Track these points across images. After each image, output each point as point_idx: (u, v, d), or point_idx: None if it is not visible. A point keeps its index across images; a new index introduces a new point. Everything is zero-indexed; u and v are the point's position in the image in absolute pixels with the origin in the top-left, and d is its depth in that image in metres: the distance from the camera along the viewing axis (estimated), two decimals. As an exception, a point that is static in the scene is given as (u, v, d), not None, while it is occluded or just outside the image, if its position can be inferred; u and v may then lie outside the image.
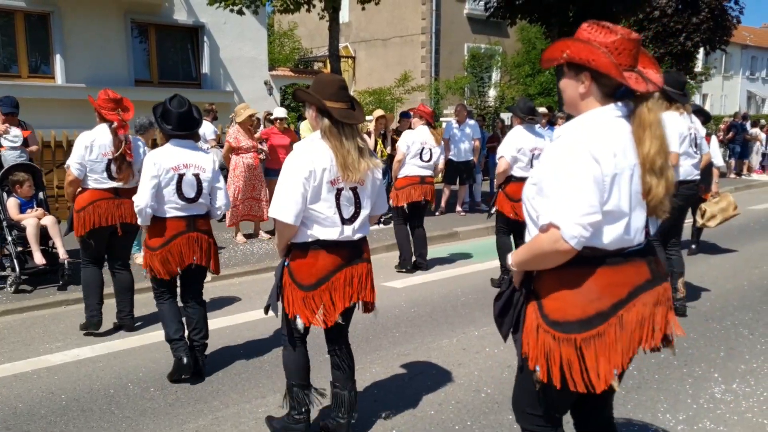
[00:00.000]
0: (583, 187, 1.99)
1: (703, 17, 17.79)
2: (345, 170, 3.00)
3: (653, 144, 2.06)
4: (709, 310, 5.71)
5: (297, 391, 3.34)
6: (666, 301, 2.16)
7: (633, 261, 2.12)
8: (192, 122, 4.21)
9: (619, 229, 2.07)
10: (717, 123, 23.01)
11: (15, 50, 12.96)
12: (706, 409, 3.76)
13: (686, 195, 5.22)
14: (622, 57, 2.05)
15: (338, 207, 3.07)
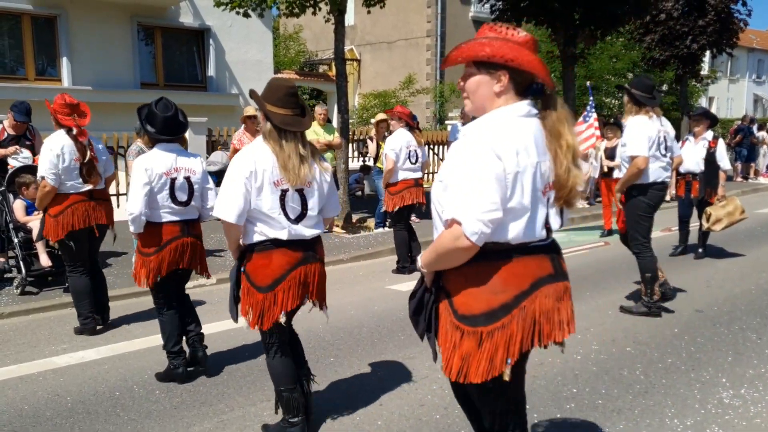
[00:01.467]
0: (485, 184, 2.03)
1: (709, 20, 17.70)
2: (285, 173, 3.12)
3: (563, 139, 2.14)
4: (717, 314, 5.68)
5: (287, 395, 3.36)
6: (568, 298, 2.25)
7: (535, 255, 2.19)
8: (178, 126, 4.19)
9: (522, 224, 2.13)
10: (724, 127, 22.97)
11: (22, 53, 13.03)
12: (714, 414, 3.73)
13: (656, 196, 5.42)
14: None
15: (283, 207, 3.17)
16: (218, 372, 4.37)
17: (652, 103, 5.45)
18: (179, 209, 4.15)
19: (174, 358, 4.19)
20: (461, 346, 2.17)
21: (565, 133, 2.15)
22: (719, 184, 7.83)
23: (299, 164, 3.13)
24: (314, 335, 5.09)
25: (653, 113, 5.44)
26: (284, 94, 3.16)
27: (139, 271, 4.15)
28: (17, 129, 6.69)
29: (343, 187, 10.06)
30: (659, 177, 5.42)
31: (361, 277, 7.14)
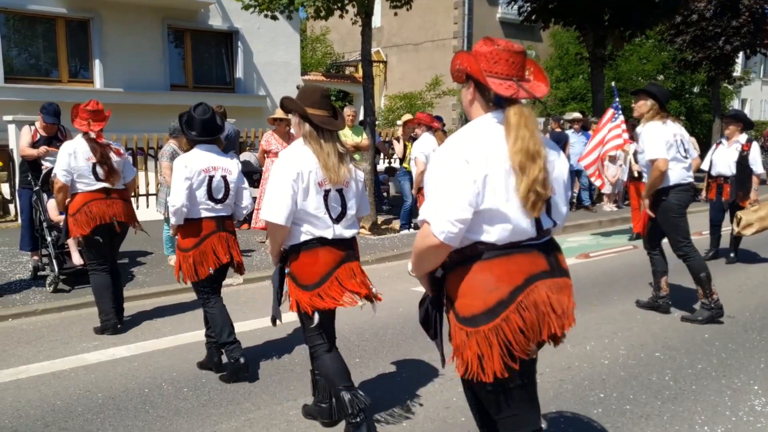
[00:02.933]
0: (452, 187, 2.16)
1: (743, 21, 17.37)
2: (327, 172, 3.21)
3: (515, 143, 2.18)
4: (749, 320, 5.57)
5: (345, 394, 3.33)
6: (568, 294, 2.28)
7: (528, 252, 2.25)
8: (215, 128, 4.38)
9: (501, 226, 2.21)
10: (758, 130, 22.50)
11: (56, 55, 13.31)
12: (745, 422, 3.66)
13: (684, 197, 5.46)
14: (497, 66, 2.24)
15: (327, 207, 3.26)
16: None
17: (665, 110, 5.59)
18: (214, 206, 4.31)
19: (233, 351, 4.24)
20: (469, 347, 2.23)
21: (509, 140, 2.20)
22: (752, 188, 7.69)
23: (338, 163, 3.25)
24: (340, 336, 5.08)
25: (668, 119, 5.52)
26: (320, 97, 3.30)
27: (182, 267, 4.28)
28: (48, 130, 6.80)
29: (370, 189, 10.08)
30: (683, 179, 5.43)
31: (387, 279, 7.15)
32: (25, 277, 6.73)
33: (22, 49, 13.21)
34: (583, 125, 12.58)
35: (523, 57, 2.30)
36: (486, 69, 2.24)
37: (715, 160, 8.01)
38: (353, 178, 3.37)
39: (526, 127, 2.21)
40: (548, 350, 4.46)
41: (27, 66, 13.21)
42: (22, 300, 6.02)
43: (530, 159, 2.18)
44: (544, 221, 2.27)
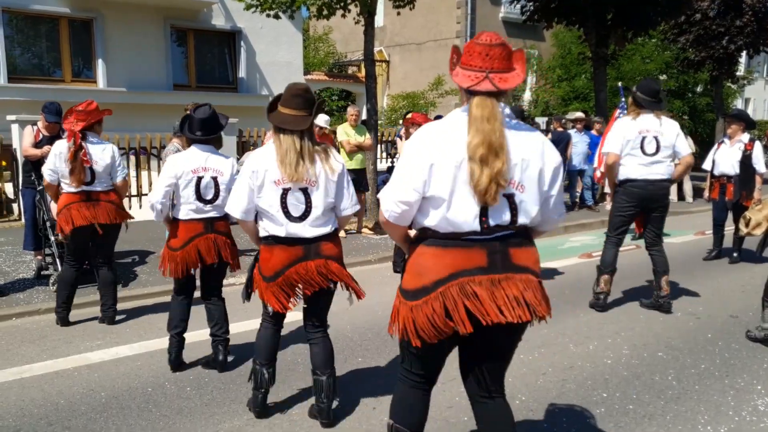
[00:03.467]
0: (404, 172, 2.39)
1: (746, 20, 17.32)
2: (282, 167, 3.29)
3: (475, 136, 2.27)
4: (752, 320, 5.56)
5: (257, 369, 3.65)
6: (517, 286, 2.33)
7: (466, 246, 2.35)
8: (210, 127, 4.33)
9: (441, 213, 2.34)
10: (761, 129, 22.44)
11: (59, 55, 13.33)
12: (749, 422, 3.66)
13: (633, 193, 5.63)
14: (471, 59, 2.34)
15: (284, 205, 3.34)
16: (247, 369, 4.40)
17: (653, 107, 5.57)
18: (202, 207, 4.31)
19: (171, 343, 4.44)
20: (400, 312, 2.49)
21: (469, 132, 2.29)
22: (755, 187, 7.67)
23: (297, 161, 3.29)
24: (342, 336, 5.12)
25: (652, 114, 5.57)
26: (290, 95, 3.38)
27: (165, 263, 4.38)
28: (50, 130, 6.80)
29: (372, 188, 10.10)
30: (639, 175, 5.57)
31: (389, 278, 7.15)
32: (29, 277, 6.75)
33: (25, 48, 13.24)
34: (585, 125, 12.57)
35: (503, 50, 2.33)
36: (463, 62, 2.37)
37: (717, 159, 8.00)
38: (325, 178, 3.37)
39: (487, 120, 2.27)
40: (551, 350, 4.47)
41: (30, 66, 13.23)
42: (25, 299, 6.03)
43: (493, 153, 2.25)
44: (492, 217, 2.33)
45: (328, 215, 3.46)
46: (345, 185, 3.50)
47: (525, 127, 2.45)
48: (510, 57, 2.35)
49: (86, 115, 5.25)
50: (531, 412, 3.76)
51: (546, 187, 2.42)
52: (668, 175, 5.62)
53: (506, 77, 2.32)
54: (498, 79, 2.30)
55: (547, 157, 2.41)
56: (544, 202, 2.44)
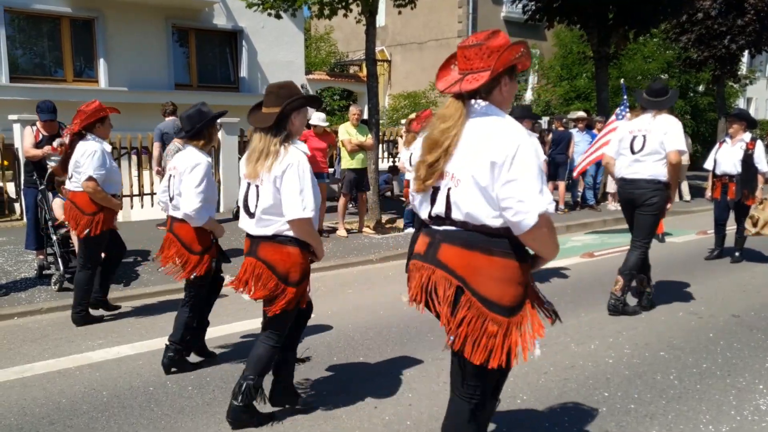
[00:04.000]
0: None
1: (748, 19, 17.28)
2: (245, 165, 3.38)
3: (428, 132, 2.50)
4: (754, 319, 5.56)
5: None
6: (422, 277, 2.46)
7: (423, 233, 2.56)
8: (188, 125, 4.26)
9: (415, 200, 2.61)
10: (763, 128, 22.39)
11: (61, 55, 13.34)
12: (750, 421, 3.65)
13: (618, 192, 5.84)
14: (459, 62, 2.44)
15: (245, 199, 3.43)
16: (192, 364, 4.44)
17: (651, 106, 5.54)
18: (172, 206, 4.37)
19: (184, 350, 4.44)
20: None
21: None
22: (757, 186, 7.66)
23: (256, 158, 3.31)
24: (343, 335, 5.12)
25: (650, 114, 5.53)
26: (266, 93, 3.40)
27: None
28: (48, 129, 6.77)
29: (374, 188, 10.09)
30: (621, 174, 5.64)
31: (391, 278, 7.15)
32: (31, 276, 6.75)
33: (26, 48, 13.25)
34: (587, 124, 12.57)
35: (479, 49, 2.36)
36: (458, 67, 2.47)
37: (719, 159, 7.99)
38: (267, 177, 3.26)
39: (444, 119, 2.42)
40: (552, 349, 4.47)
41: (32, 65, 13.24)
42: (27, 298, 6.04)
43: (432, 146, 2.42)
44: (434, 208, 2.46)
45: (272, 217, 3.31)
46: (286, 187, 3.24)
47: (490, 121, 2.36)
48: (491, 55, 2.33)
49: (84, 114, 5.25)
50: (532, 411, 3.76)
51: (485, 182, 2.29)
52: (651, 174, 5.38)
53: (480, 76, 2.34)
54: (470, 80, 2.36)
55: (490, 150, 2.28)
56: (489, 199, 2.31)
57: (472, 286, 2.34)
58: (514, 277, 2.35)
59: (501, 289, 2.34)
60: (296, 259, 3.36)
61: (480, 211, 2.33)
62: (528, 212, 2.22)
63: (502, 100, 2.45)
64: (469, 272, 2.35)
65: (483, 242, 2.34)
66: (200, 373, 4.38)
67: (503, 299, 2.34)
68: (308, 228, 3.31)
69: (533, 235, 2.28)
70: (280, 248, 3.35)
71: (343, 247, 8.32)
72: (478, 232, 2.35)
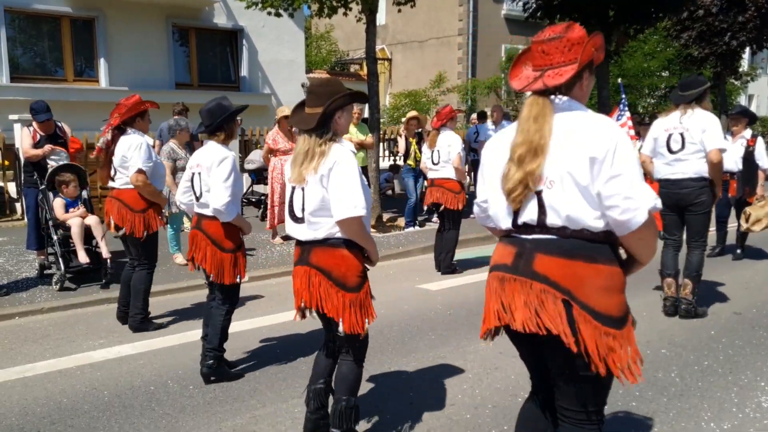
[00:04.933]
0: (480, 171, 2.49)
1: (749, 16, 17.27)
2: (291, 168, 3.18)
3: (517, 136, 2.24)
4: (756, 316, 5.55)
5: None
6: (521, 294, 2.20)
7: (507, 243, 2.34)
8: (207, 120, 4.19)
9: (493, 211, 2.40)
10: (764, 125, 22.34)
11: (61, 54, 13.33)
12: (752, 418, 3.65)
13: (663, 194, 5.36)
14: (534, 59, 2.32)
15: (290, 204, 3.21)
16: (250, 368, 4.42)
17: (679, 100, 5.42)
18: (197, 203, 4.30)
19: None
20: None
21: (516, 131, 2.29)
22: (758, 183, 7.65)
23: (301, 161, 3.09)
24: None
25: (677, 111, 5.40)
26: (306, 92, 3.29)
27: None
28: (45, 128, 6.76)
29: (374, 187, 10.08)
30: (663, 174, 5.43)
31: (392, 276, 7.15)
32: (32, 276, 6.76)
33: (27, 48, 13.24)
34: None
35: (559, 42, 2.21)
36: (532, 64, 2.33)
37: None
38: (313, 178, 3.05)
39: (534, 120, 2.20)
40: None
41: (32, 65, 13.24)
42: (28, 298, 6.04)
43: (531, 152, 2.18)
44: (522, 215, 2.24)
45: (321, 219, 3.09)
46: (334, 185, 3.03)
47: (577, 116, 2.21)
48: (573, 48, 2.20)
49: (124, 108, 5.13)
50: (534, 409, 3.75)
51: (585, 181, 2.11)
52: (696, 172, 5.26)
53: (563, 71, 2.20)
54: (553, 75, 2.20)
55: (587, 145, 2.12)
56: (590, 199, 2.13)
57: (580, 299, 2.13)
58: (619, 286, 2.19)
59: (609, 299, 2.15)
60: (351, 262, 3.11)
61: (582, 212, 2.14)
62: (637, 209, 2.07)
63: (581, 95, 2.30)
64: (576, 284, 2.14)
65: (585, 249, 2.16)
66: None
67: (612, 310, 2.15)
68: (359, 228, 3.06)
69: (640, 234, 2.12)
70: (332, 251, 3.10)
71: (344, 246, 8.33)
72: (577, 239, 2.16)
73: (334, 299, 3.10)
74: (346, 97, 3.18)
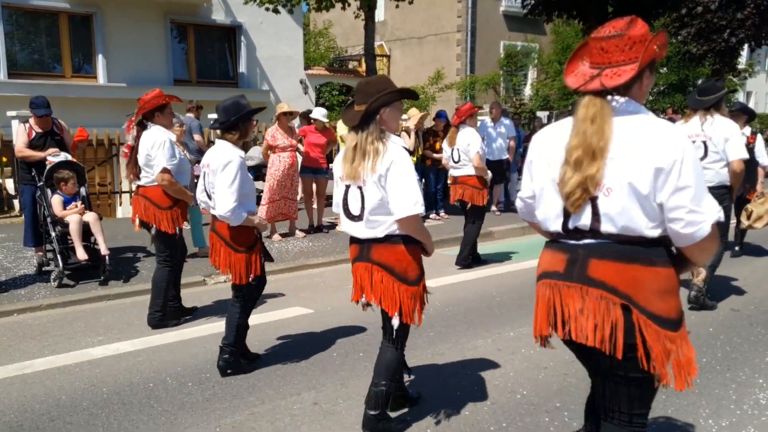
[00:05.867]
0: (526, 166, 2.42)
1: (748, 13, 17.25)
2: (342, 165, 3.24)
3: (573, 138, 2.15)
4: (754, 313, 5.55)
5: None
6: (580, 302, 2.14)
7: (557, 249, 2.27)
8: (222, 116, 4.16)
9: (541, 214, 2.33)
10: (763, 122, 22.35)
11: (59, 51, 13.32)
12: (750, 415, 3.65)
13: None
14: (591, 56, 2.22)
15: (344, 202, 3.29)
16: (250, 367, 4.42)
17: (697, 105, 5.44)
18: (210, 203, 4.25)
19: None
20: None
21: (571, 133, 2.20)
22: (758, 180, 7.65)
23: (351, 158, 3.16)
24: (343, 330, 5.12)
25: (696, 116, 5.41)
26: (356, 92, 3.29)
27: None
28: (42, 125, 6.70)
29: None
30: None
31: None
32: (30, 273, 6.75)
33: (25, 44, 13.22)
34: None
35: (620, 40, 2.11)
36: (589, 60, 2.23)
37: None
38: (370, 177, 3.12)
39: (591, 121, 2.11)
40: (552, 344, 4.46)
41: (30, 61, 13.22)
42: (26, 295, 6.04)
43: (589, 156, 2.09)
44: (573, 220, 2.18)
45: (380, 218, 3.17)
46: (392, 185, 3.09)
47: (640, 120, 2.12)
48: (634, 46, 2.10)
49: (143, 102, 5.05)
50: (532, 406, 3.76)
51: (646, 190, 2.04)
52: (720, 181, 5.32)
53: (622, 71, 2.10)
54: (611, 75, 2.11)
55: (653, 154, 2.02)
56: (649, 209, 2.06)
57: (639, 303, 2.07)
58: (675, 287, 2.13)
59: (667, 302, 2.10)
60: (411, 257, 3.22)
61: (638, 222, 2.08)
62: (703, 222, 2.01)
63: (640, 95, 2.19)
64: (635, 288, 2.08)
65: (643, 253, 2.10)
66: (200, 369, 4.38)
67: (671, 312, 2.10)
68: (418, 224, 3.18)
69: (703, 246, 2.05)
70: (394, 248, 3.20)
71: (343, 243, 8.32)
72: (633, 244, 2.11)
73: (396, 294, 3.21)
74: (393, 93, 3.20)
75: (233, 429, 3.54)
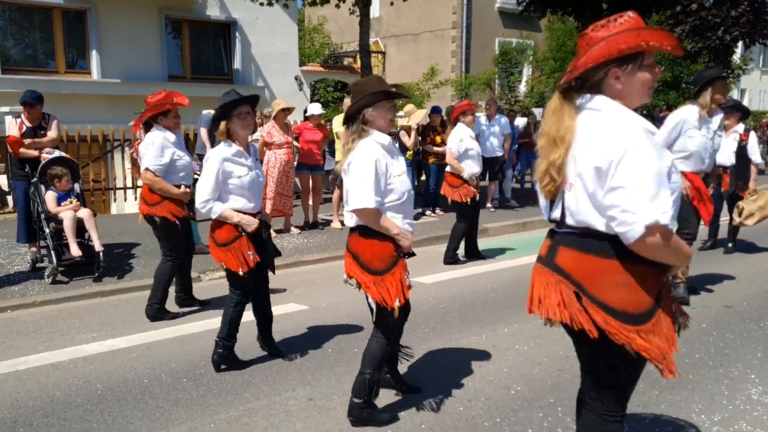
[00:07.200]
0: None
1: (742, 10, 17.31)
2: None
3: (540, 130, 2.33)
4: (747, 310, 5.59)
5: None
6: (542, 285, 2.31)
7: (547, 237, 2.42)
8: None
9: (539, 201, 2.43)
10: (756, 119, 22.42)
11: (53, 46, 13.23)
12: (742, 410, 3.68)
13: None
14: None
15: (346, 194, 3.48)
16: (244, 361, 4.42)
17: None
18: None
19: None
20: None
21: None
22: (750, 177, 7.69)
23: (343, 153, 3.50)
24: (338, 327, 5.13)
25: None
26: None
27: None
28: (33, 119, 6.73)
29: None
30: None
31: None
32: (24, 269, 6.73)
33: (18, 39, 13.14)
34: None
35: (583, 39, 2.24)
36: None
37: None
38: (345, 170, 3.44)
39: (553, 113, 2.26)
40: (546, 340, 4.47)
41: (24, 57, 13.14)
42: (20, 292, 6.02)
43: (551, 143, 2.23)
44: (552, 212, 2.35)
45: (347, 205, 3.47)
46: (348, 180, 3.36)
47: (598, 118, 2.15)
48: (596, 45, 2.15)
49: (149, 106, 5.18)
50: (526, 402, 3.77)
51: (591, 188, 2.12)
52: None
53: (575, 68, 2.19)
54: (566, 73, 2.23)
55: (595, 153, 2.09)
56: (598, 205, 2.12)
57: (589, 291, 2.16)
58: (634, 282, 2.12)
59: (621, 293, 2.12)
60: (378, 249, 3.35)
61: (591, 219, 2.15)
62: (634, 222, 1.98)
63: (617, 93, 2.16)
64: (589, 277, 2.17)
65: (601, 246, 2.15)
66: (194, 365, 4.38)
67: (626, 305, 2.12)
68: (372, 218, 3.29)
69: (641, 247, 2.03)
70: (359, 238, 3.41)
71: (338, 239, 8.33)
72: (593, 237, 2.16)
73: (361, 278, 3.40)
74: (376, 95, 3.31)
75: (228, 425, 3.55)
